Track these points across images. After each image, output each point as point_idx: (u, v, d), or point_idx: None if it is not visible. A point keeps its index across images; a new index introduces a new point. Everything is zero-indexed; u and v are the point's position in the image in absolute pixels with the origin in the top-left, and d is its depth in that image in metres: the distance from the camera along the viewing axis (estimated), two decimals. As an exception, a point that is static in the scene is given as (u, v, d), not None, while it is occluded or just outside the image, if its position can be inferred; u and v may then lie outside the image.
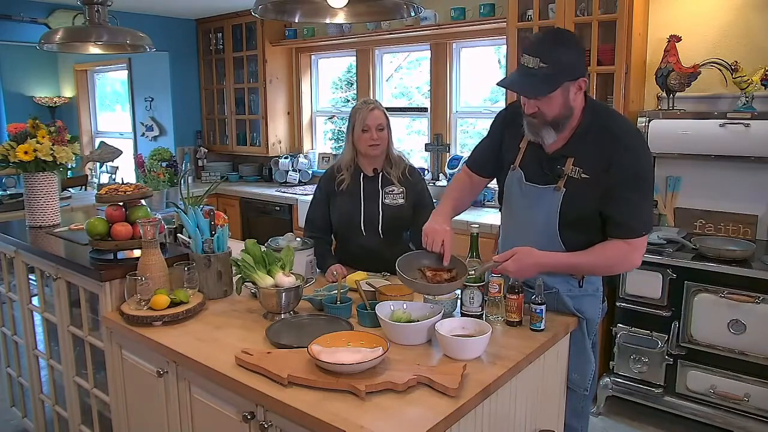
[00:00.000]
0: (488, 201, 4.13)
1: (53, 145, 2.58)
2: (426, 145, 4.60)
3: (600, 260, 1.83)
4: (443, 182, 4.30)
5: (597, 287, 2.01)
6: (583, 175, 1.79)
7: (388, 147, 2.51)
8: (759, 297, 2.65)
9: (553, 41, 1.75)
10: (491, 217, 3.76)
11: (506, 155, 2.00)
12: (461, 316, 1.86)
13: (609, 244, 1.81)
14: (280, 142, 5.44)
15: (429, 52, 4.49)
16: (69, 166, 2.72)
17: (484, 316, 1.86)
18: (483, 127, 4.59)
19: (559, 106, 1.75)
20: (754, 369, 2.70)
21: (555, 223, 1.85)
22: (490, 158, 2.07)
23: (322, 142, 5.59)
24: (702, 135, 2.98)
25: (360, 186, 2.49)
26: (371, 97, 4.73)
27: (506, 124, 2.03)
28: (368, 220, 2.47)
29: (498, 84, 1.84)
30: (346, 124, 2.54)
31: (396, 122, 4.81)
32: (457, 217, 3.77)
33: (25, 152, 2.52)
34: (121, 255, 2.18)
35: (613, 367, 3.08)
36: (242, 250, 1.95)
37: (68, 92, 7.50)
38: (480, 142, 2.16)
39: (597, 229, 1.84)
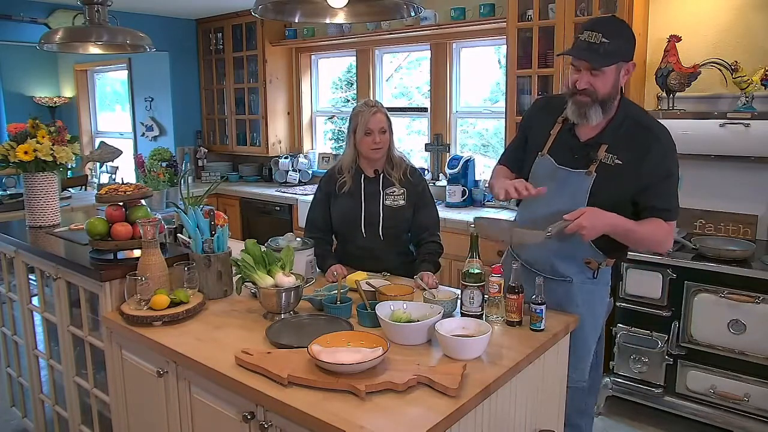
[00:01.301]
0: (488, 201, 4.13)
1: (53, 145, 2.58)
2: (426, 145, 4.59)
3: (650, 233, 1.92)
4: (443, 182, 4.30)
5: (607, 280, 2.05)
6: (617, 161, 1.89)
7: (390, 148, 2.51)
8: (759, 297, 2.65)
9: (614, 23, 1.89)
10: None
11: (533, 144, 2.05)
12: (461, 316, 1.86)
13: (656, 221, 1.92)
14: (280, 142, 5.44)
15: (429, 52, 4.49)
16: (69, 166, 2.71)
17: (484, 316, 1.86)
18: (483, 127, 4.60)
19: (610, 85, 1.85)
20: (754, 369, 2.70)
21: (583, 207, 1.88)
22: (521, 154, 2.11)
23: (322, 142, 5.59)
24: (702, 135, 2.98)
25: (361, 187, 2.49)
26: (372, 98, 4.74)
27: (538, 112, 2.11)
28: (369, 222, 2.47)
29: (560, 54, 1.93)
30: (347, 125, 2.53)
31: (396, 122, 4.78)
32: (456, 217, 3.80)
33: (25, 152, 2.52)
34: (121, 255, 2.18)
35: (613, 367, 3.08)
36: (242, 250, 1.95)
37: (68, 92, 7.50)
38: (511, 142, 2.23)
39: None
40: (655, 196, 1.91)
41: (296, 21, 2.18)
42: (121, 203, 2.23)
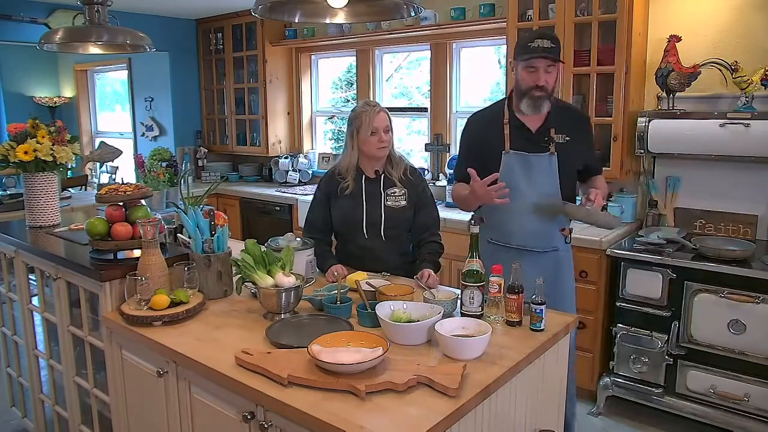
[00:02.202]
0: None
1: (53, 145, 2.58)
2: (426, 145, 4.59)
3: (606, 186, 2.54)
4: (443, 182, 4.30)
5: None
6: (566, 138, 2.37)
7: (391, 148, 2.52)
8: (759, 297, 2.65)
9: (552, 33, 2.46)
10: (491, 217, 3.76)
11: (492, 150, 2.38)
12: (461, 316, 1.86)
13: (599, 176, 2.56)
14: (280, 142, 5.44)
15: (429, 52, 4.49)
16: (69, 166, 2.72)
17: (484, 316, 1.86)
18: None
19: (555, 80, 2.32)
20: (754, 369, 2.70)
21: (557, 184, 2.35)
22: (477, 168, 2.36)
23: (322, 142, 5.59)
24: (702, 135, 2.98)
25: (362, 188, 2.49)
26: (371, 99, 4.75)
27: (482, 127, 2.47)
28: (370, 222, 2.47)
29: (531, 52, 2.25)
30: (347, 127, 2.53)
31: (396, 122, 4.78)
32: (456, 217, 3.81)
33: (25, 152, 2.52)
34: (121, 255, 2.18)
35: (613, 367, 3.08)
36: (242, 250, 1.95)
37: (68, 92, 7.50)
38: (461, 160, 2.50)
39: (576, 181, 2.49)
40: (595, 159, 2.58)
41: (296, 21, 2.18)
42: (121, 203, 2.23)
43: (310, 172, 5.30)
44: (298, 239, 2.35)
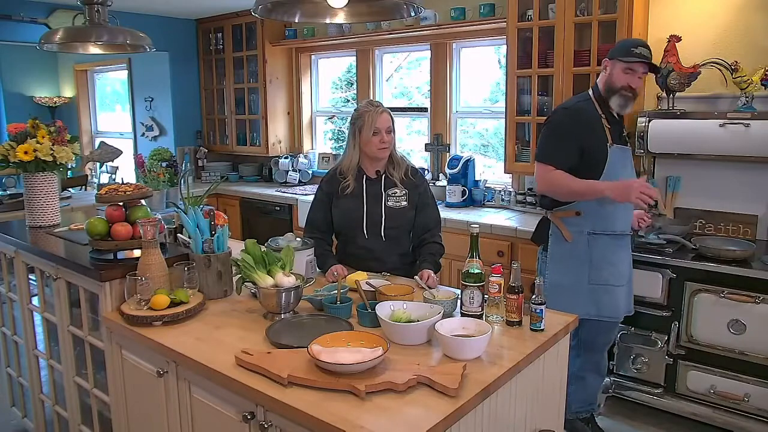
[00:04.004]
0: (488, 201, 4.13)
1: (53, 145, 2.58)
2: (426, 145, 4.60)
3: None
4: (443, 182, 4.30)
5: None
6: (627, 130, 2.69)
7: (392, 148, 2.52)
8: (759, 297, 2.65)
9: (648, 45, 2.56)
10: (491, 217, 3.77)
11: (596, 144, 2.51)
12: (461, 316, 1.86)
13: None
14: (280, 142, 5.44)
15: (429, 52, 4.49)
16: (69, 166, 2.71)
17: (484, 316, 1.86)
18: (483, 126, 4.60)
19: (641, 88, 2.67)
20: (754, 369, 2.70)
21: (634, 173, 2.66)
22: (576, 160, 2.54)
23: (322, 142, 5.59)
24: (702, 135, 2.98)
25: (363, 188, 2.49)
26: (374, 99, 4.74)
27: (585, 122, 2.54)
28: (371, 222, 2.47)
29: (634, 56, 2.46)
30: (349, 126, 2.53)
31: (396, 122, 4.78)
32: (456, 217, 3.81)
33: (25, 152, 2.52)
34: (121, 255, 2.18)
35: (613, 367, 3.08)
36: (242, 250, 1.95)
37: (68, 92, 7.50)
38: (562, 150, 2.53)
39: None
40: None
41: (296, 21, 2.18)
42: (121, 203, 2.23)
43: (310, 172, 5.30)
44: (298, 239, 2.35)
